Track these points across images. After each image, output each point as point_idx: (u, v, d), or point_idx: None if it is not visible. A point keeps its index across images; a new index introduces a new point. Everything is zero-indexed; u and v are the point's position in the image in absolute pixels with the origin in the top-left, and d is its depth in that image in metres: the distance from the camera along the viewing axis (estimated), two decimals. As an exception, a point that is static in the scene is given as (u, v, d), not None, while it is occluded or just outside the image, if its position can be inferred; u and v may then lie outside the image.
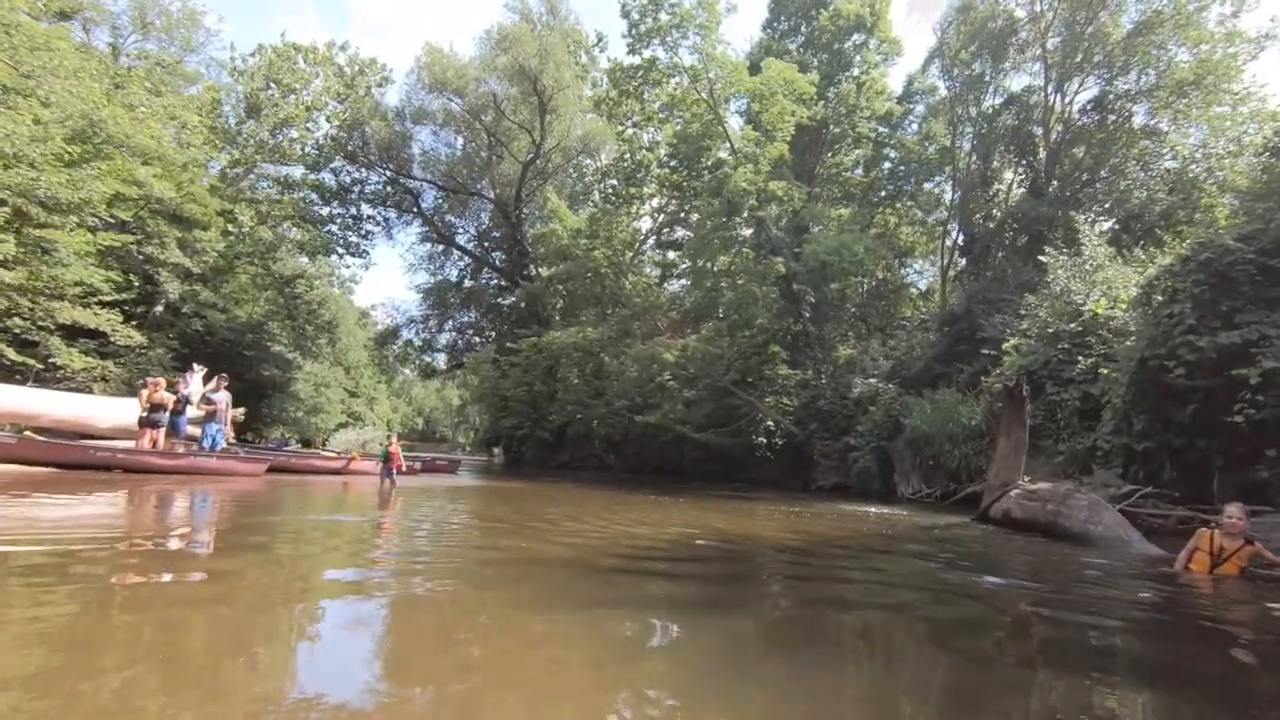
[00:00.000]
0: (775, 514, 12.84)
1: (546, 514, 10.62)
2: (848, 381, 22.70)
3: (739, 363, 23.39)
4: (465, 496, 14.18)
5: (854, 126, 28.78)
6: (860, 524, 11.21)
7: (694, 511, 12.35)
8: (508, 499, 14.06)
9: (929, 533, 10.20)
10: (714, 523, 10.33)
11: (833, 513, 13.70)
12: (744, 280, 21.65)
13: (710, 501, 15.08)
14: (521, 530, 8.33)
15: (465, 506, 11.42)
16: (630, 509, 11.95)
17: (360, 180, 36.85)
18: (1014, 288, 19.98)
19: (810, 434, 22.31)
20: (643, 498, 15.26)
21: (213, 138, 30.96)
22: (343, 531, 7.24)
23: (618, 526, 8.77)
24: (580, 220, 25.62)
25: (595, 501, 13.52)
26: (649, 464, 30.53)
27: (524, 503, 13.05)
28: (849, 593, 5.41)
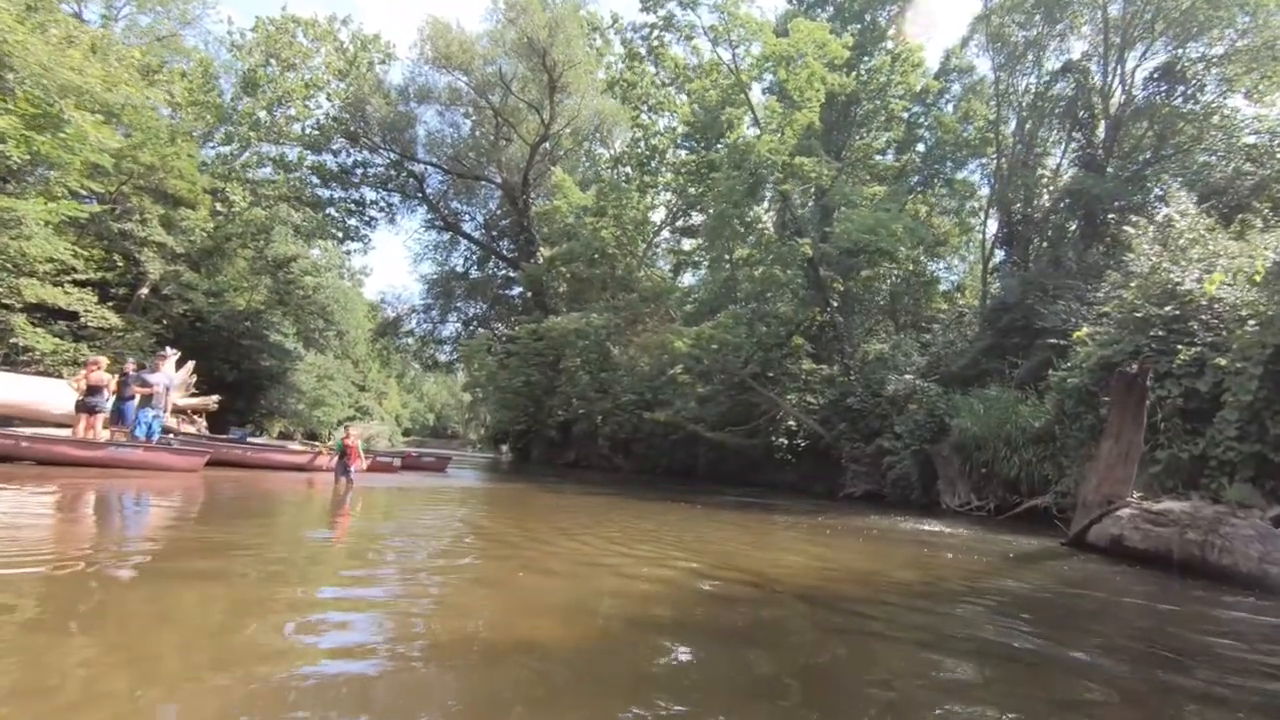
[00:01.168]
0: (802, 529, 10.36)
1: (530, 529, 8.27)
2: (880, 378, 20.11)
3: (758, 355, 20.89)
4: (446, 501, 11.87)
5: (886, 104, 26.12)
6: (916, 548, 8.70)
7: (706, 526, 9.92)
8: (494, 507, 11.72)
9: (1022, 567, 7.68)
10: (730, 545, 7.91)
11: (872, 529, 11.19)
12: (766, 264, 19.16)
13: (725, 512, 12.63)
14: (497, 561, 6.01)
15: (437, 518, 9.10)
16: (631, 523, 9.58)
17: (362, 163, 34.80)
18: (1076, 271, 17.34)
19: (838, 435, 19.76)
20: (647, 506, 12.85)
21: (203, 113, 29.00)
22: (233, 570, 4.89)
23: (610, 559, 6.38)
24: (587, 197, 23.23)
25: (592, 512, 11.14)
26: (659, 464, 28.11)
27: (510, 513, 10.71)
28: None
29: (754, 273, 21.47)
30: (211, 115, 29.19)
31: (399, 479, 15.59)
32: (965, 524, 13.14)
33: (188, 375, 21.10)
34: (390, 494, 12.35)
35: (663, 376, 23.10)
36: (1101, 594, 6.19)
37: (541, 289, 25.94)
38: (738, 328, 18.51)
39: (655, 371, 22.92)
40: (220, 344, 31.60)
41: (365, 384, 68.04)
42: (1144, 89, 21.35)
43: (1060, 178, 23.40)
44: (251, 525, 7.12)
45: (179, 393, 20.93)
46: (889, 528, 11.64)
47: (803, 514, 13.73)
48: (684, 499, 15.70)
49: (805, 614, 4.67)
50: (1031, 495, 13.84)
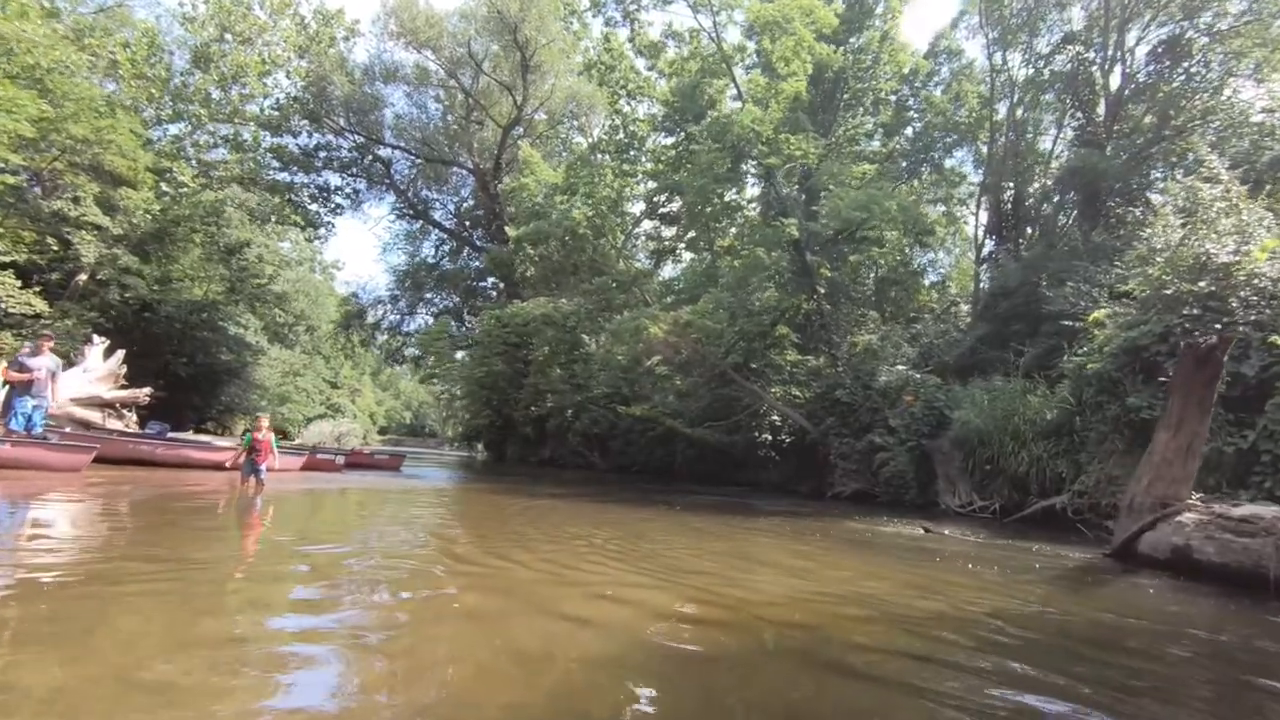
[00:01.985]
0: (787, 535, 8.72)
1: (480, 539, 6.57)
2: (871, 369, 18.59)
3: (740, 345, 19.27)
4: (388, 504, 10.09)
5: (874, 85, 24.65)
6: (922, 561, 7.10)
7: (680, 535, 8.25)
8: (444, 511, 9.94)
9: (1066, 588, 6.07)
10: (706, 560, 6.26)
11: (866, 534, 9.60)
12: (749, 247, 17.53)
13: (703, 516, 10.97)
14: (429, 587, 4.30)
15: (370, 528, 7.37)
16: (596, 532, 7.90)
17: (325, 145, 32.71)
18: (1083, 252, 15.94)
19: (826, 430, 18.19)
20: (618, 510, 11.16)
21: (147, 87, 26.79)
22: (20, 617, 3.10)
23: (567, 587, 4.69)
24: (556, 174, 21.45)
25: (556, 518, 9.44)
26: (636, 462, 26.42)
27: (460, 519, 8.96)
28: None
29: (734, 261, 19.87)
30: (156, 89, 26.95)
31: (341, 479, 13.74)
32: (970, 527, 11.60)
33: (116, 365, 19.07)
34: (321, 497, 10.52)
35: (639, 368, 21.41)
36: (1199, 631, 4.59)
37: (510, 274, 23.99)
38: (718, 314, 16.87)
39: (630, 363, 21.22)
40: (173, 336, 29.43)
41: (337, 381, 65.63)
42: (1146, 64, 20.05)
43: (1057, 158, 22.09)
44: (105, 543, 5.31)
45: (106, 384, 18.92)
46: (887, 533, 10.04)
47: (788, 517, 12.11)
48: (660, 500, 14.02)
49: (797, 672, 2.98)
50: (1043, 495, 12.33)
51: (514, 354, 22.28)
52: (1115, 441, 10.65)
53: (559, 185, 20.82)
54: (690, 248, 30.20)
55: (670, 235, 26.04)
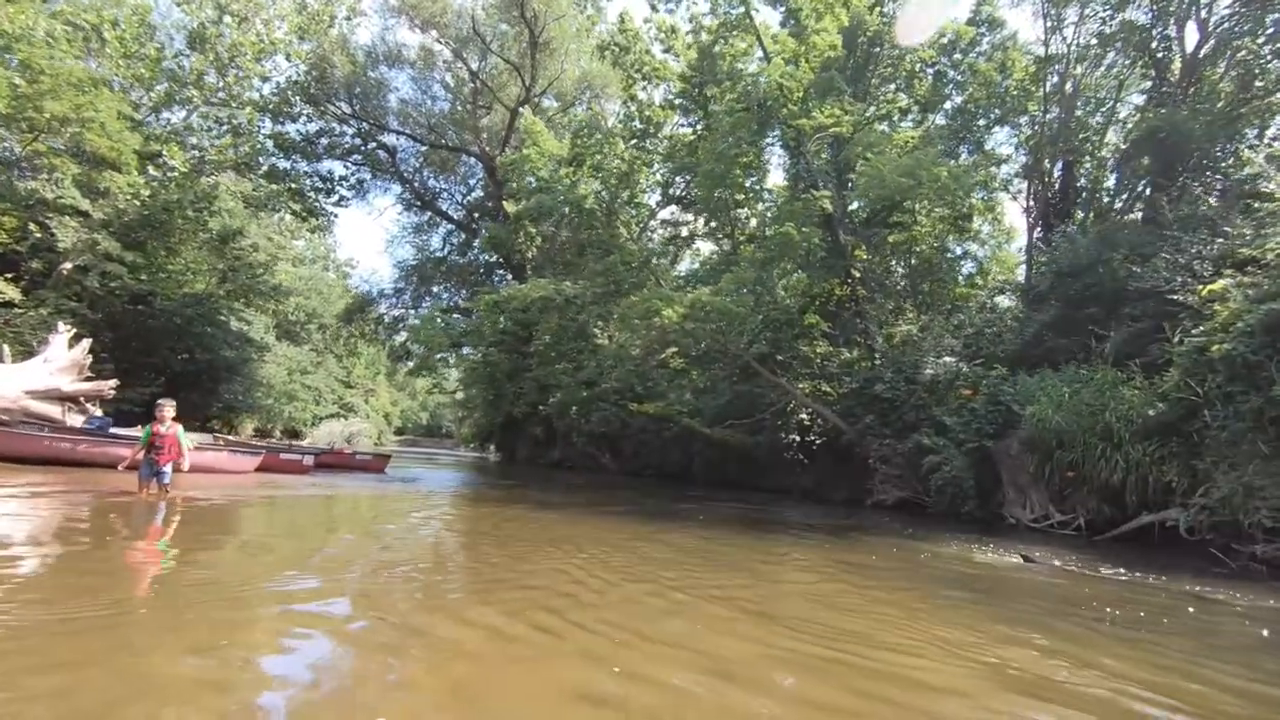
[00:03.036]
0: (831, 565, 6.46)
1: (427, 588, 4.39)
2: (914, 361, 16.20)
3: (766, 334, 16.98)
4: (345, 521, 8.02)
5: (913, 51, 22.20)
6: (1060, 616, 4.82)
7: (699, 569, 6.05)
8: (408, 528, 7.83)
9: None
10: (723, 623, 4.05)
11: (936, 563, 7.32)
12: (775, 225, 15.25)
13: (721, 535, 8.76)
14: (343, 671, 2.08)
15: (314, 556, 5.29)
16: (583, 565, 5.73)
17: (327, 131, 30.91)
18: (1172, 222, 13.46)
19: (863, 430, 15.84)
20: (621, 527, 8.98)
21: (135, 66, 25.16)
22: None
23: (524, 669, 2.45)
24: (562, 146, 19.32)
25: (540, 540, 7.31)
26: (649, 465, 24.22)
27: (413, 547, 6.81)
28: None
29: (757, 253, 17.55)
30: (147, 70, 25.31)
31: (306, 484, 11.69)
32: (1054, 548, 9.22)
33: (81, 356, 17.28)
34: (260, 509, 8.44)
35: (652, 360, 19.18)
36: None
37: (510, 254, 21.73)
38: (741, 296, 14.59)
39: (643, 354, 18.99)
40: (171, 331, 27.79)
41: (350, 380, 64.06)
42: (1228, 17, 17.43)
43: (1121, 123, 19.55)
44: None
45: (68, 376, 17.12)
46: (976, 562, 7.72)
47: (829, 535, 9.83)
48: (674, 512, 11.80)
49: None
50: (1146, 508, 9.90)
51: (515, 344, 20.08)
52: (1256, 443, 8.22)
53: (564, 157, 18.66)
54: (709, 237, 27.98)
55: (688, 221, 23.83)
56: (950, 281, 25.10)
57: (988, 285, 24.88)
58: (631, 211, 20.69)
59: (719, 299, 13.87)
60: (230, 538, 6.26)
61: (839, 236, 17.21)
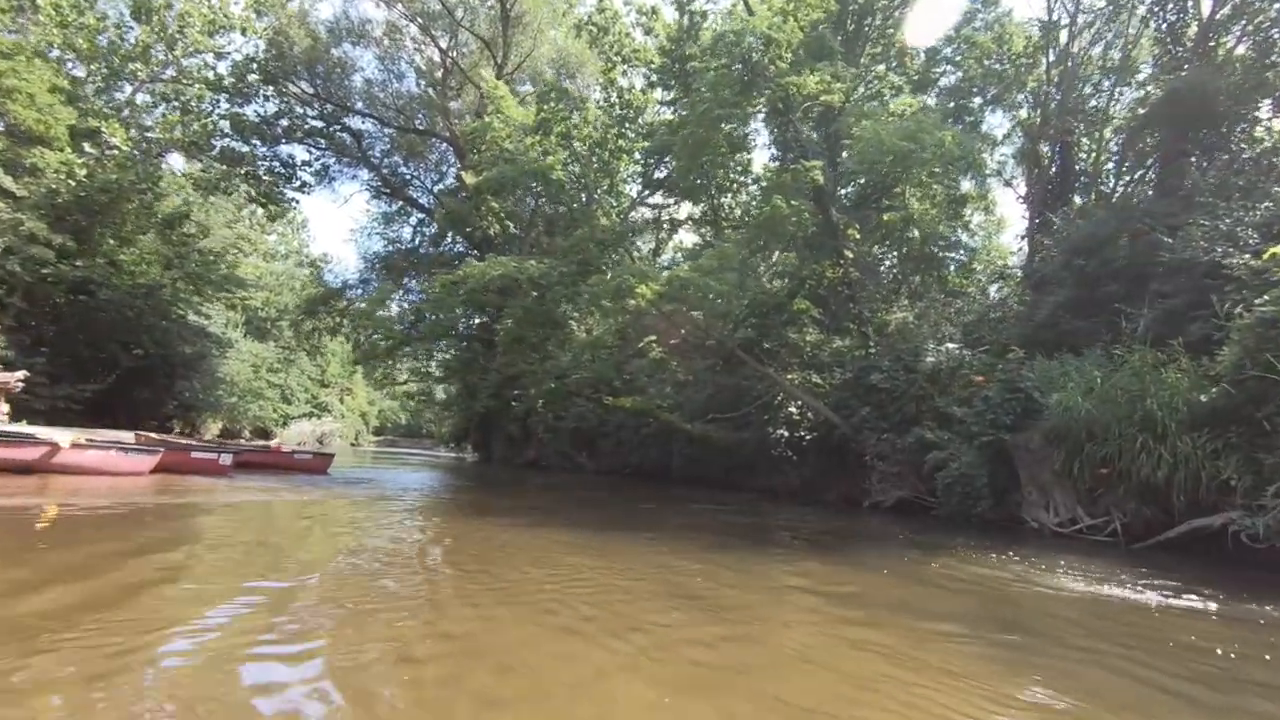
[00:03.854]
0: (830, 589, 4.83)
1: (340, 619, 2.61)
2: (914, 349, 14.64)
3: (752, 320, 15.33)
4: (235, 540, 6.25)
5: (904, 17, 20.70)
6: (1177, 675, 3.14)
7: (666, 593, 4.34)
8: (312, 552, 6.08)
9: None
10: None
11: (956, 575, 5.74)
12: (762, 203, 13.59)
13: (707, 549, 7.10)
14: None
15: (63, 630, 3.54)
16: (540, 585, 3.99)
17: (287, 112, 28.84)
18: (1201, 190, 12.01)
19: (858, 424, 14.24)
20: (585, 541, 7.29)
21: (75, 36, 23.08)
22: None
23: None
24: (529, 114, 17.42)
25: (493, 556, 5.61)
26: (628, 463, 22.51)
27: (320, 567, 5.07)
28: None
29: (748, 215, 15.87)
30: (85, 40, 23.22)
31: (218, 486, 9.83)
32: (1099, 559, 7.66)
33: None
34: (113, 523, 6.62)
35: (627, 350, 17.44)
36: None
37: (470, 233, 19.66)
38: (725, 273, 12.91)
39: (616, 342, 17.25)
40: (120, 323, 25.64)
41: (325, 379, 61.70)
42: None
43: (1137, 86, 18.19)
44: None
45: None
46: (992, 579, 6.11)
47: (818, 544, 8.20)
48: (647, 519, 10.14)
49: None
50: (1196, 511, 8.35)
51: (486, 335, 18.11)
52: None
53: (529, 125, 16.81)
54: (693, 227, 26.29)
55: (669, 205, 22.13)
56: (942, 270, 23.66)
57: (984, 273, 23.45)
58: (604, 187, 18.88)
59: (700, 276, 12.18)
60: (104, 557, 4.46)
61: (830, 214, 15.61)
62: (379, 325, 16.68)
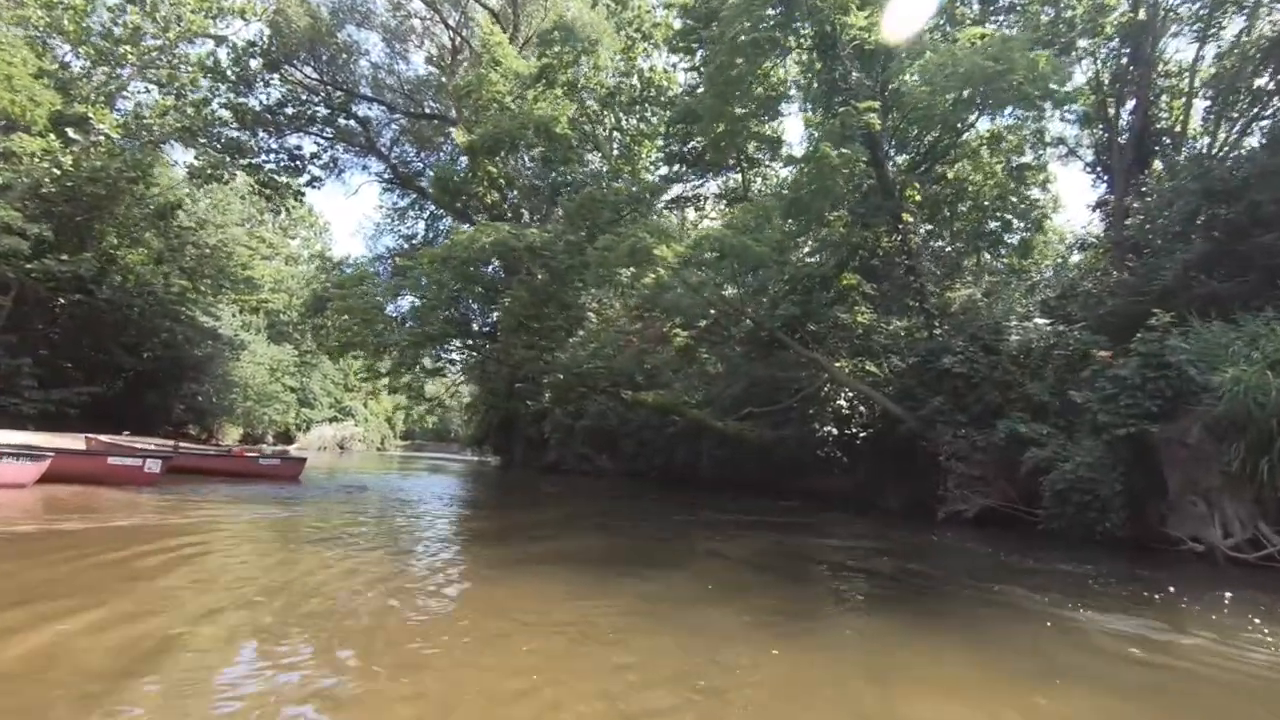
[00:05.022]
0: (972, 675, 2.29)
1: None
2: (994, 325, 11.91)
3: (794, 297, 12.77)
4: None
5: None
6: None
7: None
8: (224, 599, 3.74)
9: None
10: None
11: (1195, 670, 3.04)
12: (811, 155, 11.03)
13: (714, 590, 4.55)
14: None
15: None
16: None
17: (291, 100, 27.08)
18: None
19: (928, 417, 11.56)
20: (589, 576, 4.81)
21: (61, 17, 21.54)
22: None
23: None
24: (529, 65, 15.00)
25: (459, 610, 3.11)
26: (652, 466, 20.06)
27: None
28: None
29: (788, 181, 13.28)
30: (71, 22, 21.66)
31: (129, 503, 7.62)
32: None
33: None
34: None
35: (647, 332, 14.95)
36: None
37: (464, 203, 17.12)
38: (763, 233, 10.36)
39: (631, 322, 14.78)
40: (121, 324, 24.10)
41: (349, 383, 60.34)
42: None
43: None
44: None
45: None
46: (1191, 650, 3.47)
47: (901, 587, 5.62)
48: (670, 534, 7.68)
49: None
50: None
51: (492, 328, 15.78)
52: None
53: (531, 74, 14.37)
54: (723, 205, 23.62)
55: (696, 182, 19.68)
56: (1002, 249, 20.67)
57: (1050, 249, 20.36)
58: (618, 149, 16.42)
59: (734, 235, 9.66)
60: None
61: (885, 170, 12.98)
62: (357, 302, 14.40)
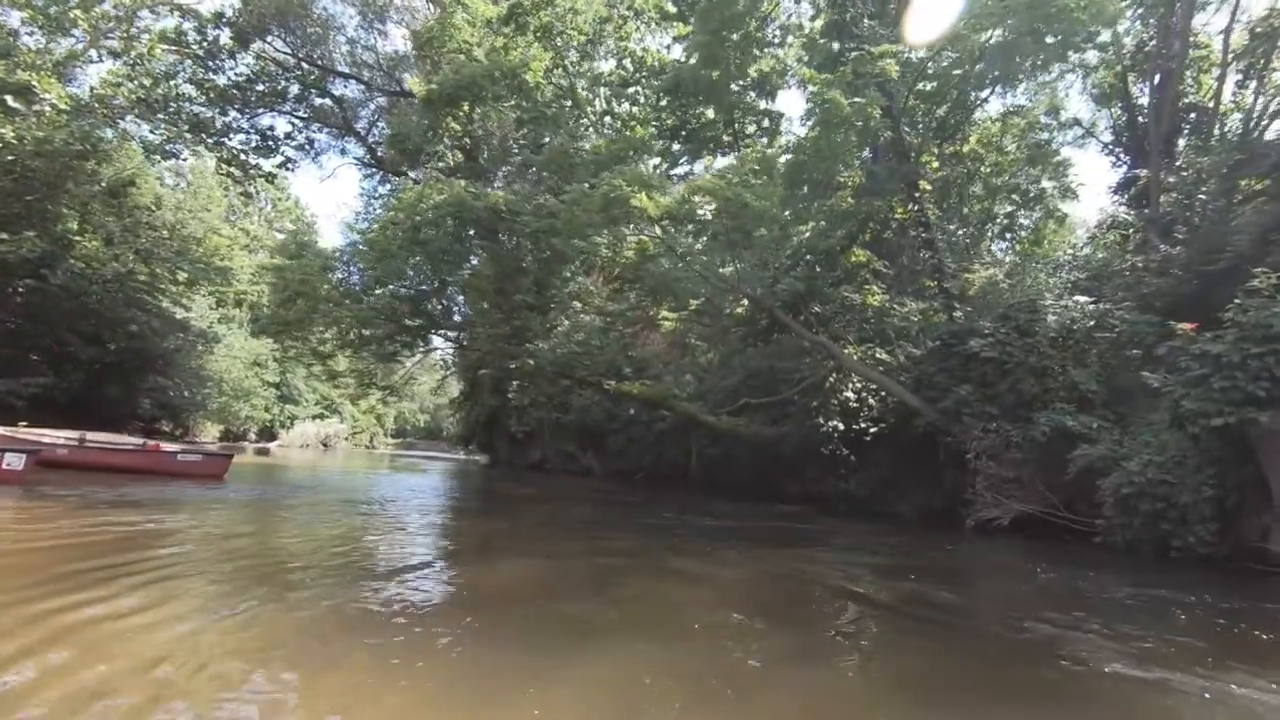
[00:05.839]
0: None
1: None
2: (1029, 304, 10.25)
3: (798, 274, 11.12)
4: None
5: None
6: None
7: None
8: None
9: None
10: None
11: None
12: (819, 93, 9.36)
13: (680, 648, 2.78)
14: None
15: None
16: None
17: (261, 75, 25.31)
18: None
19: (953, 409, 9.91)
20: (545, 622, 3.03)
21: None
22: None
23: None
24: (499, 9, 13.20)
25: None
26: (640, 465, 18.38)
27: None
28: None
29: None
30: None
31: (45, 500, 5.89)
32: None
33: None
34: None
35: (628, 316, 13.25)
36: None
37: (422, 163, 15.27)
38: (770, 188, 8.67)
39: (609, 296, 13.09)
40: (78, 311, 22.32)
41: (336, 380, 58.48)
42: None
43: None
44: None
45: None
46: None
47: (929, 611, 3.90)
48: (652, 552, 6.01)
49: None
50: None
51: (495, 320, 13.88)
52: None
53: (499, 17, 12.57)
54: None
55: (685, 155, 17.98)
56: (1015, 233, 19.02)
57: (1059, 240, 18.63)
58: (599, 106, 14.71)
59: (729, 188, 7.97)
60: None
61: (901, 131, 11.33)
62: (293, 275, 12.58)
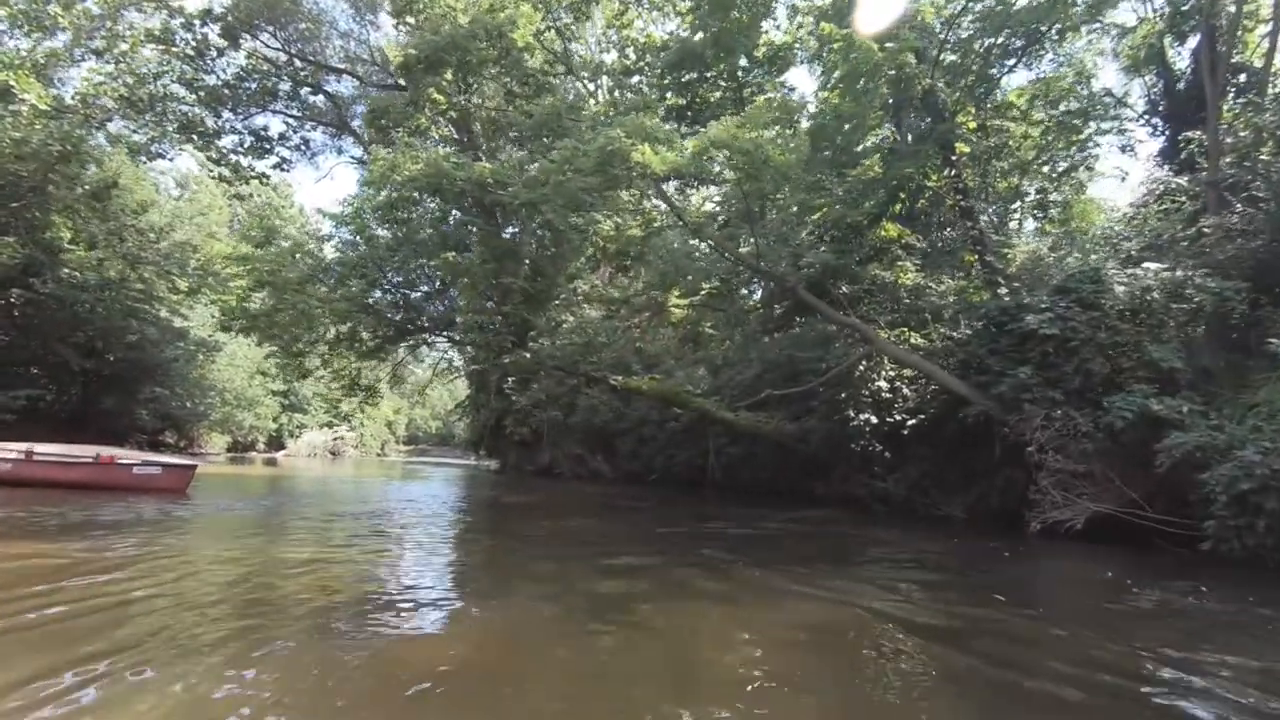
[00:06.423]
0: None
1: None
2: (1092, 273, 8.88)
3: (824, 246, 9.86)
4: None
5: None
6: None
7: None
8: None
9: None
10: None
11: None
12: (842, 47, 8.09)
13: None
14: None
15: None
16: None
17: (251, 73, 24.38)
18: None
19: (1010, 396, 8.57)
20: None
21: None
22: None
23: None
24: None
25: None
26: (653, 467, 17.12)
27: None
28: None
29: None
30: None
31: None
32: None
33: None
34: None
35: (634, 303, 12.01)
36: None
37: (393, 125, 13.94)
38: (795, 142, 7.43)
39: (613, 273, 11.85)
40: (68, 321, 21.57)
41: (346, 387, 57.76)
42: None
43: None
44: None
45: None
46: None
47: (1023, 672, 2.52)
48: (667, 570, 4.74)
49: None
50: None
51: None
52: None
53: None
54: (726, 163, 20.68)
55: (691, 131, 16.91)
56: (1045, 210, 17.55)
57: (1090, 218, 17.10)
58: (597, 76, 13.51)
59: (744, 135, 6.73)
60: None
61: (935, 87, 10.02)
62: (263, 266, 11.45)
